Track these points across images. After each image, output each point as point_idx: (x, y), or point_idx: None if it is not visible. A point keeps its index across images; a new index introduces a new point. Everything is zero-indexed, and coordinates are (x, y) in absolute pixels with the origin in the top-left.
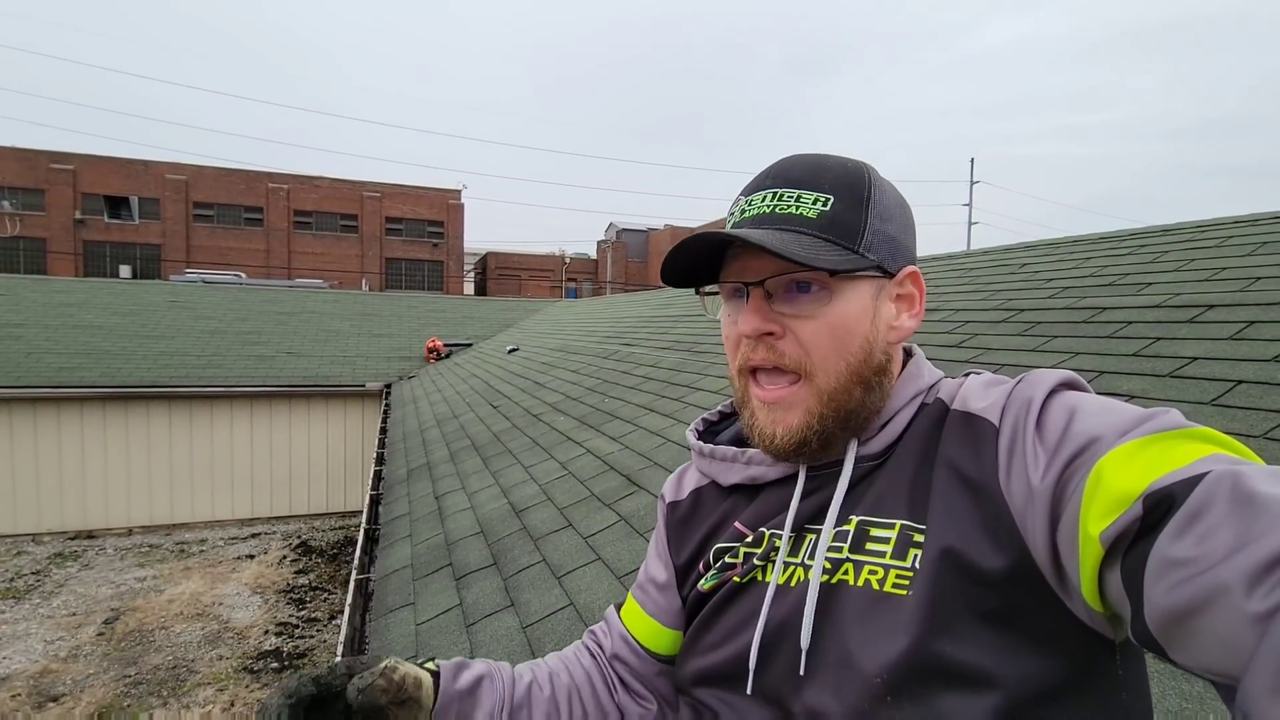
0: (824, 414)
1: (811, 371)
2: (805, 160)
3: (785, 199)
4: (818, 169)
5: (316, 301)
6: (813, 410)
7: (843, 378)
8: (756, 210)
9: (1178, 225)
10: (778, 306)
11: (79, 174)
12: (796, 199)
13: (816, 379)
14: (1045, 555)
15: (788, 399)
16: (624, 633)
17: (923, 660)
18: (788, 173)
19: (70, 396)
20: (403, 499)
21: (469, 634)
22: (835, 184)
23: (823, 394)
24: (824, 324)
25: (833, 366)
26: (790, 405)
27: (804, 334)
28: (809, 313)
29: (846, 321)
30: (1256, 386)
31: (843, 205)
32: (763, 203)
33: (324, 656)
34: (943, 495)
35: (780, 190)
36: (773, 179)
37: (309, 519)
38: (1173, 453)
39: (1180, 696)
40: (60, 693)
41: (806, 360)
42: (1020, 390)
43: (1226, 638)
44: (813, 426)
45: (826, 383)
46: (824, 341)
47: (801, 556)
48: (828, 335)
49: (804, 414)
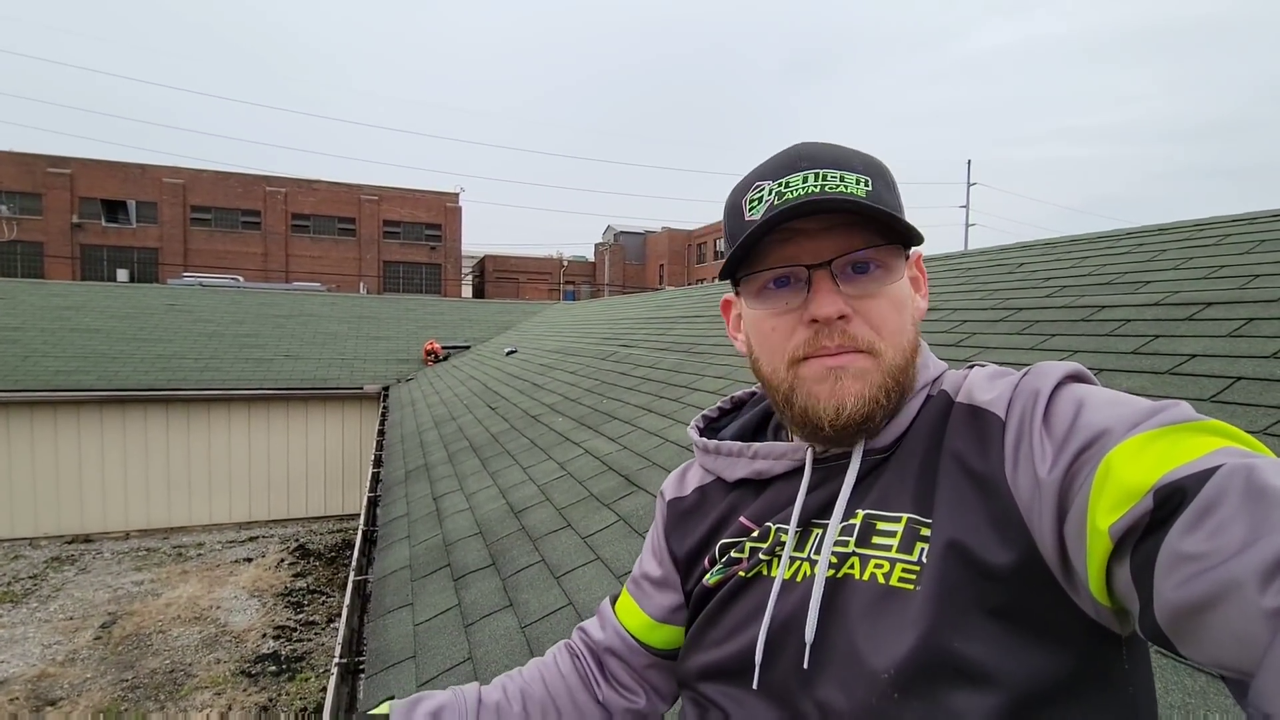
0: (889, 388)
1: (882, 351)
2: (827, 146)
3: (830, 179)
4: (845, 153)
5: (314, 304)
6: (878, 384)
7: (903, 355)
8: (799, 191)
9: (1175, 224)
10: (844, 288)
11: (76, 178)
12: (840, 179)
13: (885, 356)
14: (1052, 549)
15: (854, 365)
16: (617, 626)
17: (930, 656)
18: (819, 155)
19: (67, 400)
20: (401, 500)
21: (468, 634)
22: (866, 167)
23: (890, 369)
24: (889, 302)
25: (897, 345)
26: (859, 374)
27: (873, 314)
28: (874, 291)
29: (903, 298)
30: (1256, 383)
31: (881, 186)
32: (804, 184)
33: (322, 660)
34: (949, 488)
35: (821, 170)
36: (806, 160)
37: (307, 522)
38: (1183, 445)
39: (1184, 692)
40: (58, 697)
41: (878, 341)
42: (1027, 382)
43: (1240, 633)
44: (879, 400)
45: (893, 360)
46: (892, 320)
47: (808, 551)
48: (894, 313)
49: (873, 386)
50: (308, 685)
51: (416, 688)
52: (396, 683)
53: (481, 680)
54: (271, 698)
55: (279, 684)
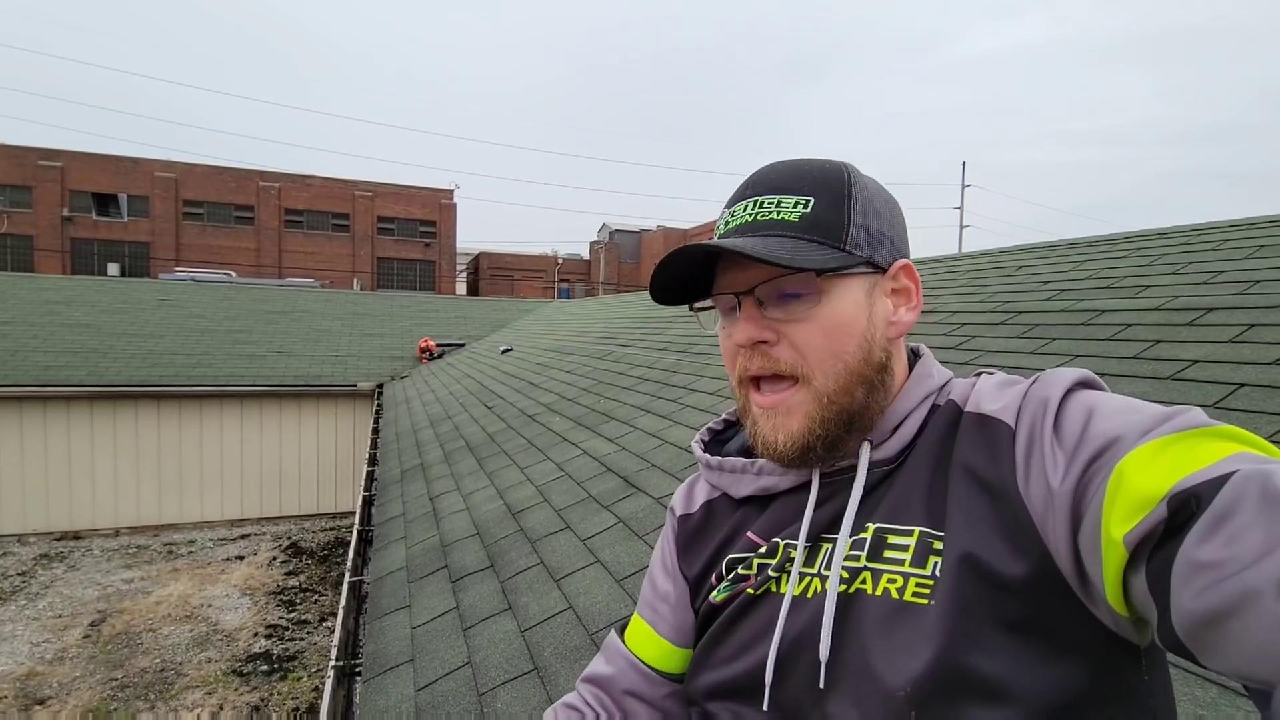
0: (825, 417)
1: (809, 375)
2: (784, 166)
3: (766, 205)
4: (796, 173)
5: (307, 301)
6: (813, 414)
7: (841, 379)
8: (739, 220)
9: (1174, 228)
10: (770, 313)
11: (67, 171)
12: (777, 204)
13: (814, 382)
14: (1068, 560)
15: (785, 402)
16: (632, 659)
17: (948, 672)
18: (767, 180)
19: (57, 395)
20: (396, 500)
21: (466, 638)
22: (815, 185)
23: (821, 396)
24: (816, 326)
25: (830, 368)
26: (789, 410)
27: (797, 338)
28: (800, 316)
29: (840, 321)
30: (1259, 390)
31: (824, 205)
32: (745, 212)
33: (314, 659)
34: (960, 500)
35: (761, 198)
36: (752, 188)
37: (299, 520)
38: (1197, 452)
39: (1195, 703)
40: (46, 695)
41: (803, 364)
42: (1036, 390)
43: (1260, 643)
44: (814, 431)
45: (825, 385)
46: (818, 343)
47: (818, 566)
48: (821, 337)
49: (804, 418)
50: (300, 685)
51: (415, 692)
52: (394, 686)
53: (480, 686)
54: (263, 697)
55: (270, 683)
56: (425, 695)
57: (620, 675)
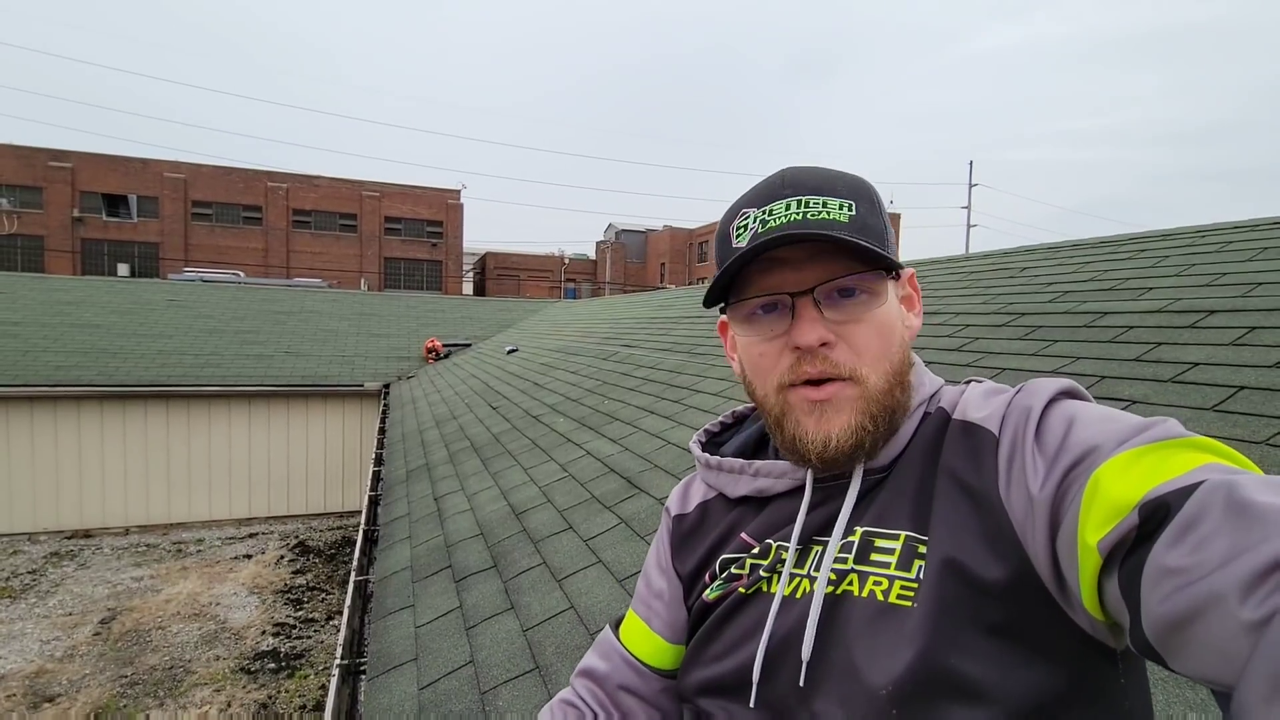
0: (875, 414)
1: (864, 376)
2: (812, 171)
3: (813, 205)
4: (829, 178)
5: (315, 301)
6: (864, 410)
7: (889, 379)
8: (782, 219)
9: (1177, 230)
10: (828, 314)
11: (77, 172)
12: (824, 205)
13: (868, 382)
14: (1046, 565)
15: (837, 396)
16: (626, 654)
17: (928, 672)
18: (803, 181)
19: (67, 395)
20: (402, 500)
21: (469, 637)
22: (851, 191)
23: (871, 396)
24: (874, 327)
25: (881, 368)
26: (840, 406)
27: (857, 339)
28: (859, 316)
29: (888, 321)
30: (1259, 392)
31: (865, 209)
32: (788, 211)
33: (321, 657)
34: (945, 505)
35: (805, 198)
36: (790, 187)
37: (306, 519)
38: (1170, 462)
39: (1185, 704)
40: (56, 693)
41: (860, 366)
42: (1020, 400)
43: (1222, 646)
44: (866, 427)
45: (876, 384)
46: (875, 345)
47: (808, 568)
48: (878, 338)
49: (856, 414)
50: (307, 683)
51: (418, 691)
52: (398, 685)
53: (483, 685)
54: (271, 695)
55: (278, 681)
56: (428, 693)
57: (615, 671)
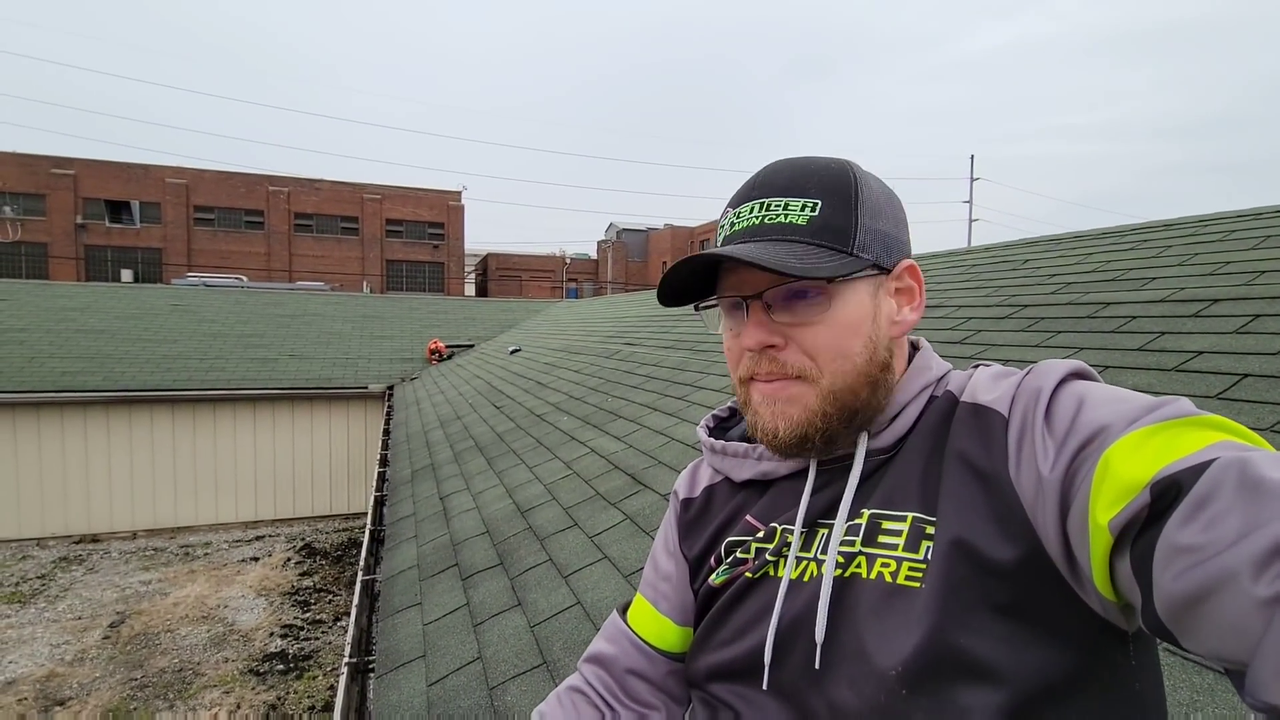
0: (827, 411)
1: (817, 377)
2: (789, 166)
3: (773, 208)
4: (802, 174)
5: (318, 304)
6: (814, 407)
7: (849, 378)
8: (745, 223)
9: (1179, 220)
10: (778, 317)
11: (80, 179)
12: (784, 207)
13: (822, 381)
14: (1057, 546)
15: (787, 389)
16: (633, 637)
17: (938, 653)
18: (772, 181)
19: (73, 401)
20: (407, 500)
21: (477, 634)
22: (821, 187)
23: (826, 394)
24: (826, 329)
25: (838, 368)
26: (790, 399)
27: (806, 342)
28: (809, 319)
29: (848, 324)
30: (1263, 380)
31: (832, 208)
32: (751, 214)
33: (329, 658)
34: (953, 486)
35: (767, 200)
36: (759, 189)
37: (312, 521)
38: (1181, 440)
39: (1191, 689)
40: (66, 696)
41: (811, 367)
42: (1029, 381)
43: (1235, 623)
44: (815, 423)
45: (831, 384)
46: (828, 346)
47: (814, 551)
48: (831, 340)
49: (804, 409)
50: (315, 684)
51: (427, 687)
52: (407, 682)
53: (491, 680)
54: (280, 696)
55: (287, 683)
56: (437, 690)
57: (622, 654)
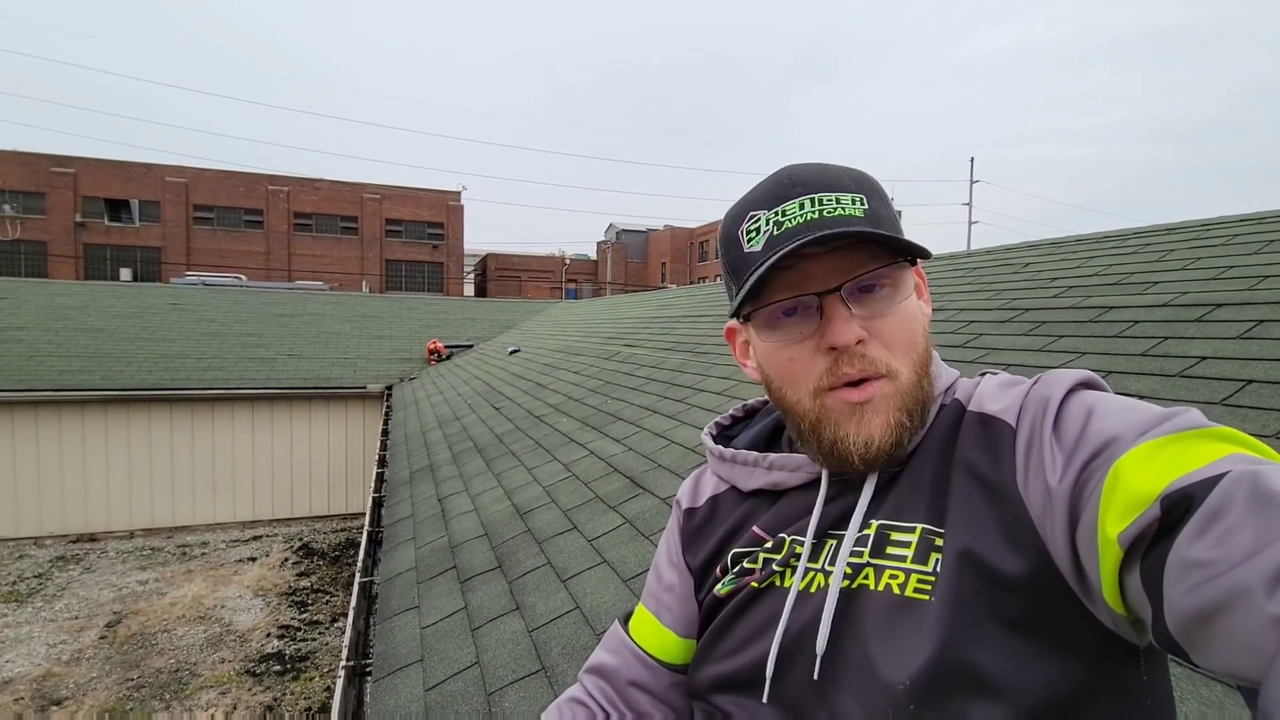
0: (910, 409)
1: (898, 371)
2: (811, 168)
3: (825, 203)
4: (836, 173)
5: (317, 304)
6: (900, 407)
7: (918, 370)
8: (796, 220)
9: (1182, 224)
10: (856, 311)
11: (79, 177)
12: (836, 200)
13: (900, 376)
14: (1066, 558)
15: (877, 395)
16: (635, 649)
17: (946, 667)
18: (811, 179)
19: (71, 399)
20: (405, 501)
21: (475, 638)
22: (859, 184)
23: (904, 390)
24: (900, 320)
25: (910, 363)
26: (878, 406)
27: (885, 333)
28: (884, 310)
29: (911, 312)
30: (1268, 386)
31: (876, 202)
32: (802, 211)
33: (326, 659)
34: (961, 498)
35: (817, 195)
36: (800, 186)
37: (310, 521)
38: (1192, 452)
39: (1200, 701)
40: (63, 696)
41: (894, 361)
42: (1037, 391)
43: (1248, 640)
44: (904, 424)
45: (907, 378)
46: (903, 337)
47: (822, 562)
48: (905, 330)
49: (894, 412)
50: (312, 685)
51: (424, 692)
52: (404, 686)
53: (489, 686)
54: (276, 697)
55: (283, 683)
56: (434, 695)
57: (624, 666)
